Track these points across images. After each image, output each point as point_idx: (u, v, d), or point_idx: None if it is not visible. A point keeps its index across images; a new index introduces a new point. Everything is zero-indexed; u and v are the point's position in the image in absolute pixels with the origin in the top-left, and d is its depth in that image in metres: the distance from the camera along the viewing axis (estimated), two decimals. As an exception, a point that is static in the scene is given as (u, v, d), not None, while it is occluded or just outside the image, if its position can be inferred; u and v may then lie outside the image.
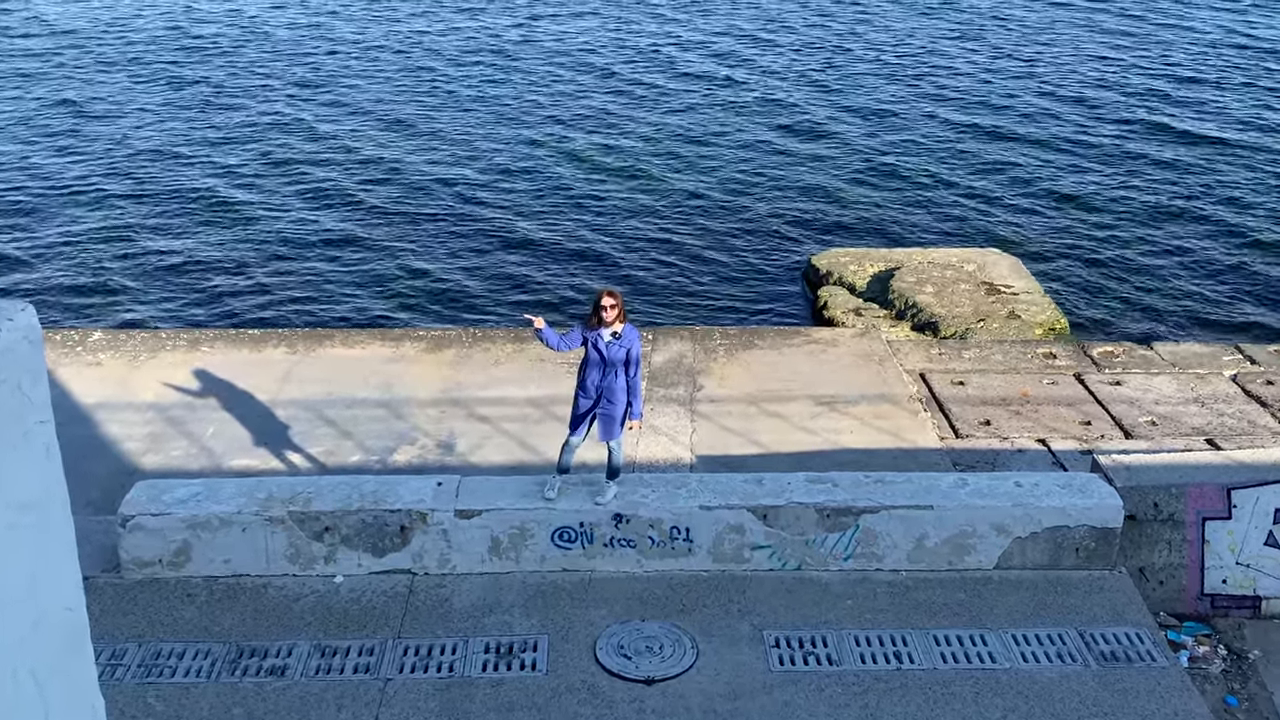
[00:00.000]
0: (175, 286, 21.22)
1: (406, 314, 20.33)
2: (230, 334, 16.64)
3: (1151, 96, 33.10)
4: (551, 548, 10.70)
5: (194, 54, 37.12)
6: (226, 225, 23.92)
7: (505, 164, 27.64)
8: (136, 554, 10.54)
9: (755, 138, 29.87)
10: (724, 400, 14.61)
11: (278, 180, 26.41)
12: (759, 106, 32.43)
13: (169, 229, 23.66)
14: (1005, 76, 35.07)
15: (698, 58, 37.64)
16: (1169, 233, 24.25)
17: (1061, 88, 34.01)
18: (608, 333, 10.19)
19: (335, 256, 22.56)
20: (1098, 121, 31.17)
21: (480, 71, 35.61)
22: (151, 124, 30.13)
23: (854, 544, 10.77)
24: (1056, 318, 18.43)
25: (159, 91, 32.95)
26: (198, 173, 26.77)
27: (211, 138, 29.23)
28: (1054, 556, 10.88)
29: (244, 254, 22.58)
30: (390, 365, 15.49)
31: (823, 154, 28.66)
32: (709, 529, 10.71)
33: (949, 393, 15.06)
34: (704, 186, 26.47)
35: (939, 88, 34.11)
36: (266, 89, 33.47)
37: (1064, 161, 28.29)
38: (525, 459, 13.08)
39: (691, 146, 29.13)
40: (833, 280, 20.13)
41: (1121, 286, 21.88)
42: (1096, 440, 13.86)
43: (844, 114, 31.84)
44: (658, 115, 31.66)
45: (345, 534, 10.57)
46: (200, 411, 14.16)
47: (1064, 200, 25.95)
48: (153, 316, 20.01)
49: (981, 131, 30.35)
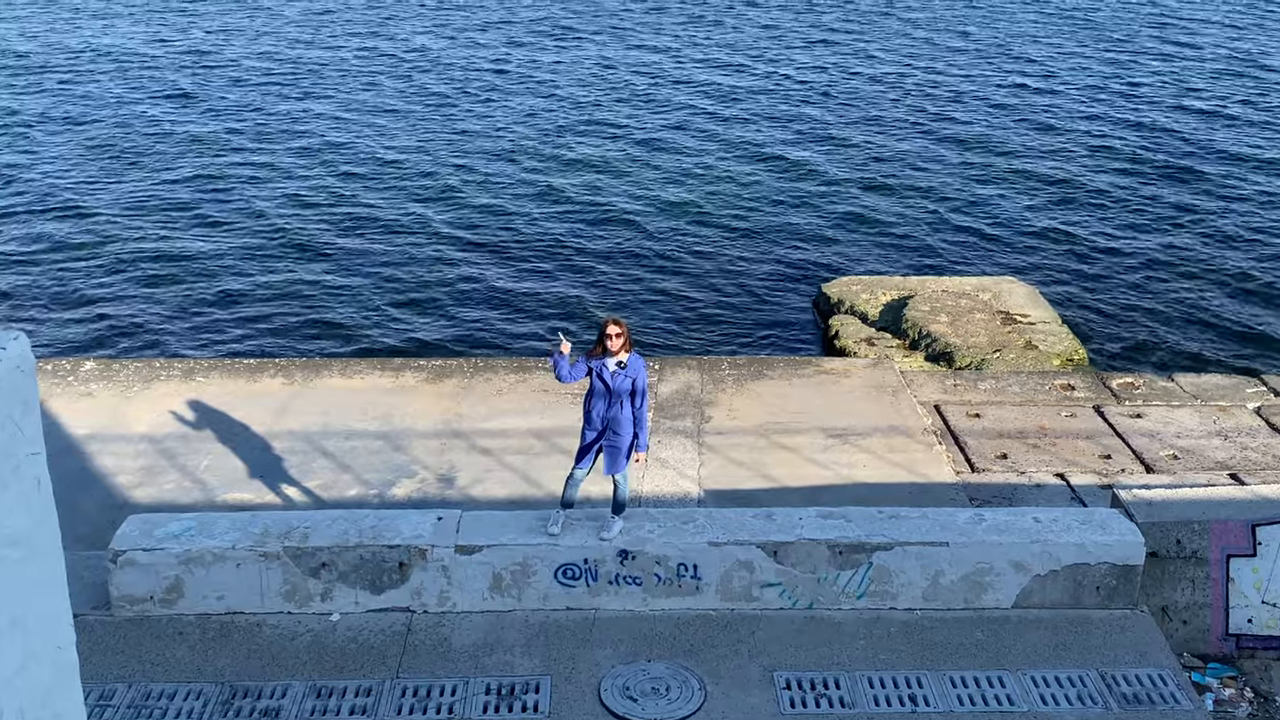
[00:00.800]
0: (170, 315, 21.27)
1: (406, 343, 20.35)
2: (226, 364, 16.64)
3: (1170, 126, 33.18)
4: (555, 585, 10.65)
5: (184, 78, 37.36)
6: (223, 253, 24.00)
7: (507, 192, 27.74)
8: (127, 591, 10.50)
9: (764, 162, 29.97)
10: (733, 432, 14.57)
11: (275, 209, 26.51)
12: (768, 130, 32.55)
13: (163, 257, 23.75)
14: (1022, 105, 35.19)
15: (705, 81, 37.81)
16: (1189, 261, 24.25)
17: (1077, 116, 34.12)
18: (612, 362, 10.19)
19: (334, 285, 22.61)
20: (1116, 148, 31.24)
21: (479, 96, 35.79)
22: (144, 152, 30.27)
23: (867, 582, 10.71)
24: (1074, 348, 18.40)
25: (148, 115, 33.14)
26: (192, 200, 26.87)
27: (211, 166, 29.37)
28: (1074, 595, 10.82)
29: (240, 283, 22.65)
30: (390, 396, 15.47)
31: (834, 180, 28.73)
32: (717, 566, 10.66)
33: (964, 425, 15.00)
34: (712, 212, 26.55)
35: (953, 115, 34.23)
36: (261, 115, 33.65)
37: (1082, 189, 28.35)
38: (528, 493, 13.04)
39: (698, 171, 29.22)
40: (844, 309, 20.12)
41: (1141, 316, 21.86)
42: (1117, 474, 13.79)
43: (856, 139, 31.95)
44: (664, 140, 31.78)
45: (342, 570, 10.53)
46: (194, 443, 14.14)
47: (1081, 228, 25.99)
48: (147, 346, 20.05)
49: (997, 159, 30.43)
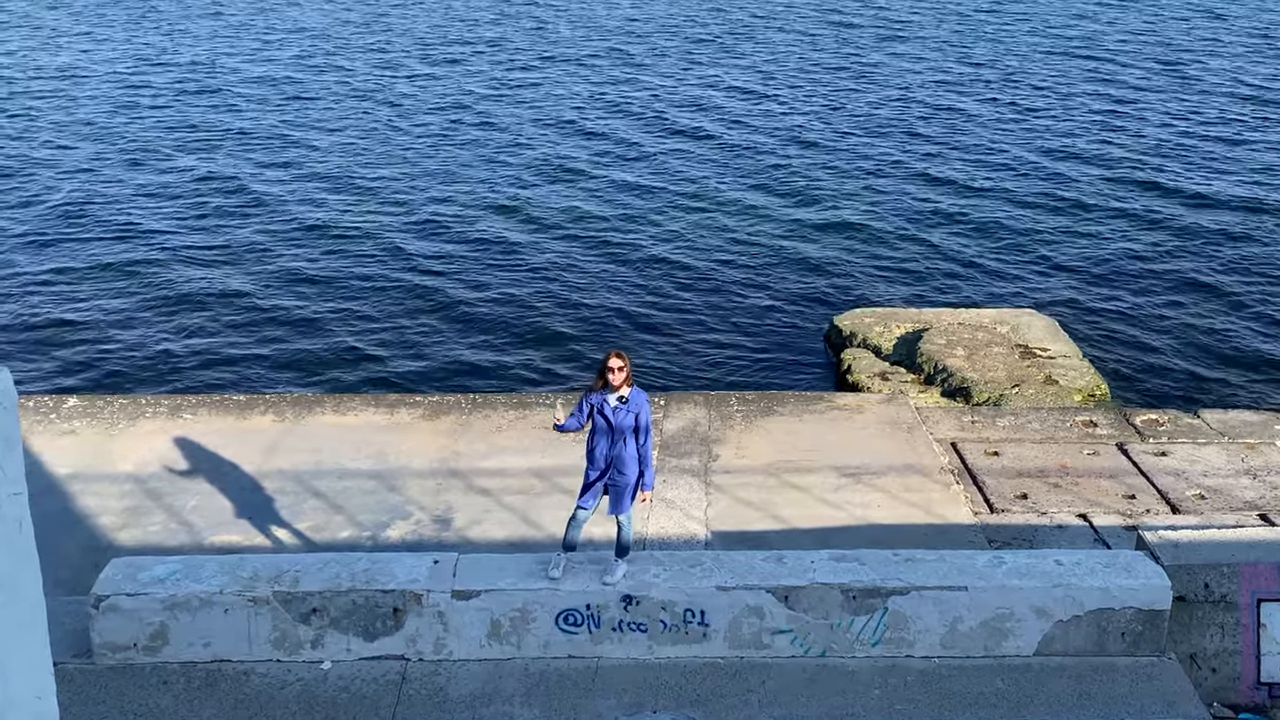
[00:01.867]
0: (156, 350, 21.31)
1: (402, 379, 20.36)
2: (214, 400, 16.65)
3: (1195, 155, 33.28)
4: (556, 632, 10.61)
5: (169, 107, 37.60)
6: (212, 287, 24.06)
7: (506, 222, 27.83)
8: (110, 637, 10.46)
9: (773, 191, 30.07)
10: (741, 471, 14.55)
11: (265, 241, 26.60)
12: (777, 158, 32.69)
13: (149, 290, 23.81)
14: (1040, 133, 35.34)
15: (711, 107, 38.00)
16: (1215, 293, 24.27)
17: (1097, 145, 34.25)
18: (613, 397, 10.18)
19: (326, 319, 22.66)
20: (1138, 177, 31.33)
21: (478, 122, 35.98)
22: (128, 182, 30.42)
23: (883, 628, 10.67)
24: (1097, 383, 18.39)
25: (131, 143, 33.31)
26: (179, 232, 26.97)
27: (199, 197, 29.51)
28: (1098, 641, 10.77)
29: (229, 316, 22.69)
30: (384, 434, 15.47)
31: (846, 209, 28.82)
32: (726, 612, 10.62)
33: (983, 464, 14.99)
34: (719, 242, 26.62)
35: (968, 144, 34.37)
36: (247, 143, 33.84)
37: (1104, 218, 28.41)
38: (528, 535, 13.01)
39: (705, 200, 29.32)
40: (857, 342, 20.14)
41: (1165, 350, 21.85)
42: (1141, 515, 13.76)
43: (867, 167, 32.07)
44: (670, 168, 31.90)
45: (334, 616, 10.50)
46: (181, 483, 14.13)
47: (1103, 258, 26.03)
48: (132, 382, 20.07)
49: (1014, 188, 30.53)
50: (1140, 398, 19.80)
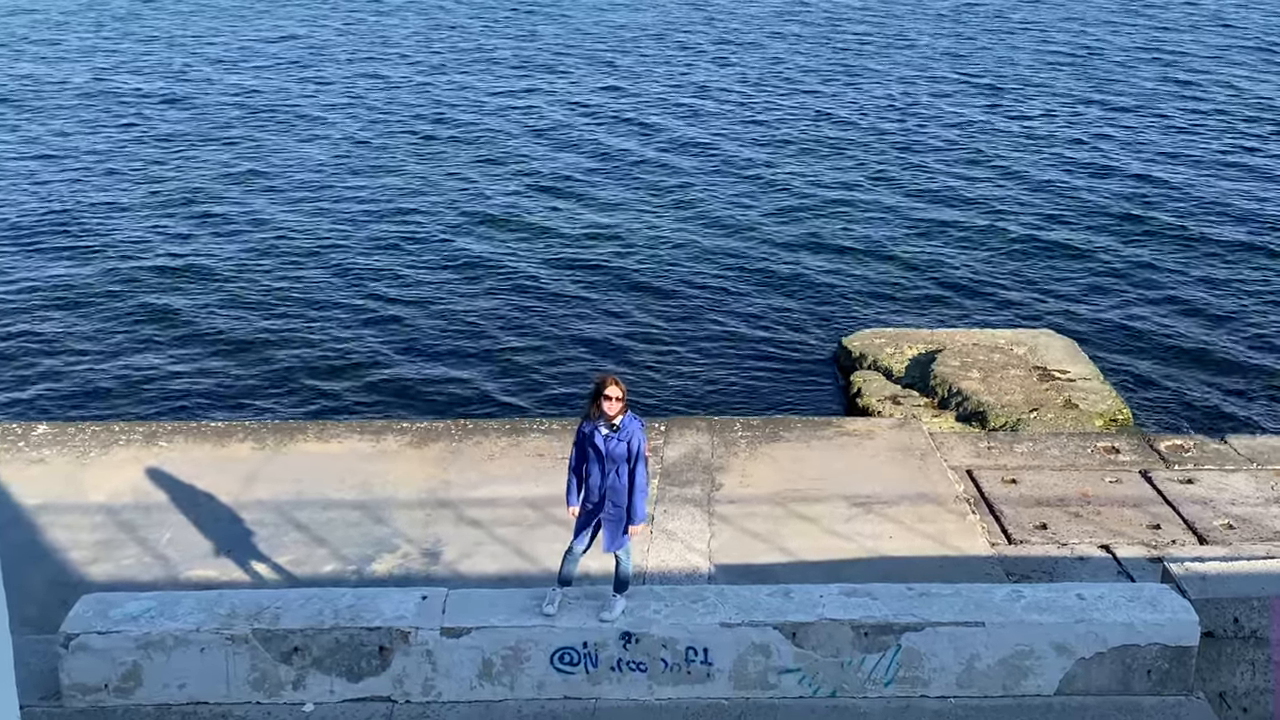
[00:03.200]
0: (130, 375, 21.27)
1: (388, 404, 20.32)
2: (191, 427, 16.63)
3: (1218, 170, 33.36)
4: (551, 672, 10.56)
5: (138, 127, 37.69)
6: (188, 308, 24.04)
7: (498, 241, 27.85)
8: (80, 679, 10.42)
9: (778, 206, 30.10)
10: (746, 500, 14.52)
11: (243, 260, 26.60)
12: (783, 173, 32.74)
13: (122, 312, 23.79)
14: (1057, 146, 35.43)
15: (714, 120, 38.09)
16: (1242, 313, 24.26)
17: (1117, 159, 34.33)
18: (605, 426, 10.15)
19: (308, 342, 22.63)
20: (1161, 194, 31.38)
21: (465, 139, 36.05)
22: (97, 202, 30.45)
23: (896, 667, 10.63)
24: (1118, 407, 18.37)
25: (100, 163, 33.37)
26: (152, 252, 26.97)
27: (169, 209, 29.53)
28: (1123, 680, 10.74)
29: (206, 339, 22.65)
30: (369, 462, 15.44)
31: (855, 225, 28.85)
32: (730, 650, 10.58)
33: (1000, 492, 14.96)
34: (722, 259, 26.62)
35: (983, 158, 34.46)
36: (224, 159, 33.90)
37: (1123, 234, 28.44)
38: (521, 568, 12.97)
39: (706, 216, 29.34)
40: (867, 364, 20.13)
41: (1190, 372, 21.84)
42: (1167, 546, 13.73)
43: (877, 182, 32.12)
44: (669, 183, 31.95)
45: (317, 655, 10.46)
46: (155, 515, 14.08)
47: (1124, 276, 26.04)
48: (105, 408, 20.03)
49: (1031, 203, 30.56)
50: (1164, 422, 19.77)
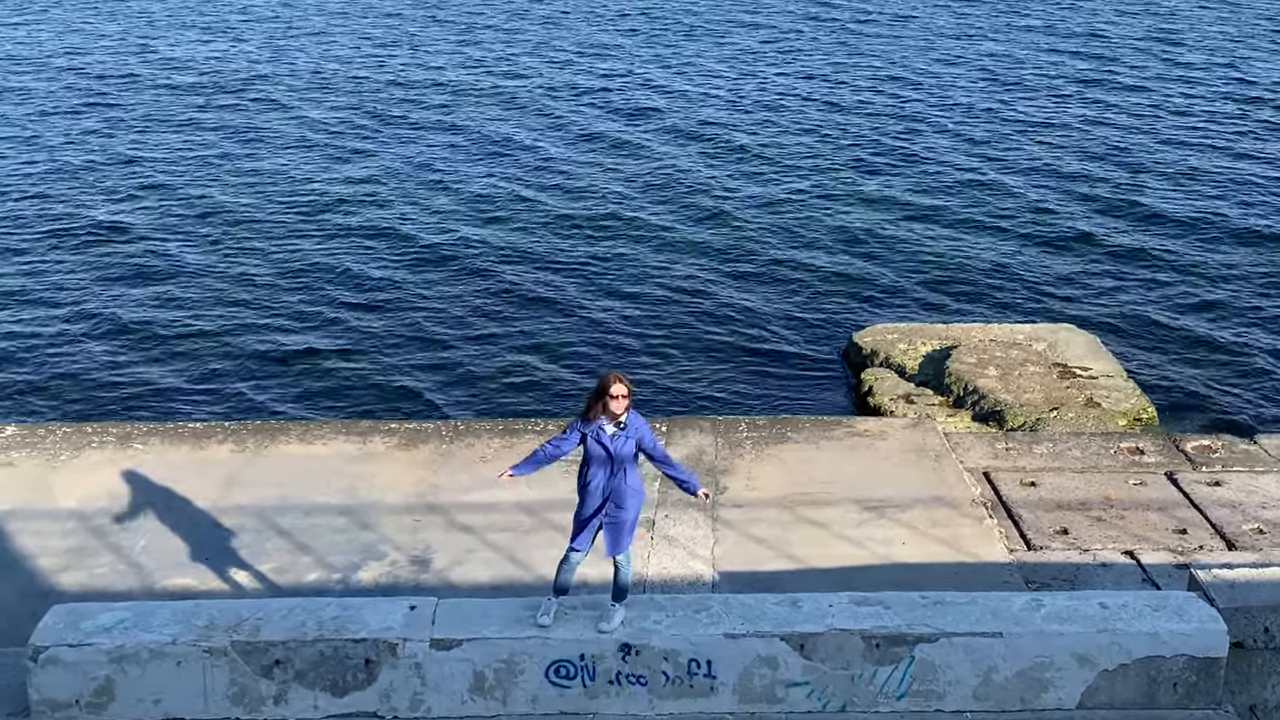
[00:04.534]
0: (103, 374, 21.24)
1: (375, 403, 20.29)
2: (167, 428, 16.62)
3: (1244, 158, 33.35)
4: (546, 686, 10.54)
5: (109, 115, 37.68)
6: (163, 303, 24.01)
7: (489, 231, 27.82)
8: (49, 694, 10.39)
9: (785, 194, 30.07)
10: (752, 505, 14.52)
11: (221, 252, 26.57)
12: (789, 160, 32.72)
13: (94, 307, 23.76)
14: (1076, 133, 35.41)
15: (716, 106, 38.08)
16: (1272, 307, 24.24)
17: (1137, 147, 34.31)
18: (610, 424, 10.15)
19: (291, 338, 22.60)
20: (1184, 181, 31.36)
21: (466, 121, 36.03)
22: (67, 191, 30.43)
23: (909, 679, 10.62)
24: (1143, 406, 18.36)
25: (72, 154, 33.36)
26: (125, 243, 26.94)
27: (145, 199, 29.51)
28: (1148, 693, 10.72)
29: (182, 336, 22.61)
30: (355, 465, 15.44)
31: (865, 215, 28.82)
32: (735, 662, 10.56)
33: (1018, 495, 14.95)
34: (725, 251, 26.59)
35: (999, 143, 34.43)
36: (201, 145, 33.89)
37: (1149, 225, 28.41)
38: (515, 576, 12.96)
39: (709, 205, 29.31)
40: (879, 361, 20.11)
41: (1218, 369, 21.81)
42: (1194, 552, 13.74)
43: (887, 169, 32.10)
44: (670, 171, 31.93)
45: (299, 669, 10.43)
46: (130, 521, 14.07)
47: (1148, 268, 26.01)
48: (76, 408, 20.00)
49: (1050, 192, 30.53)
50: (1191, 422, 19.73)
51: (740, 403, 20.40)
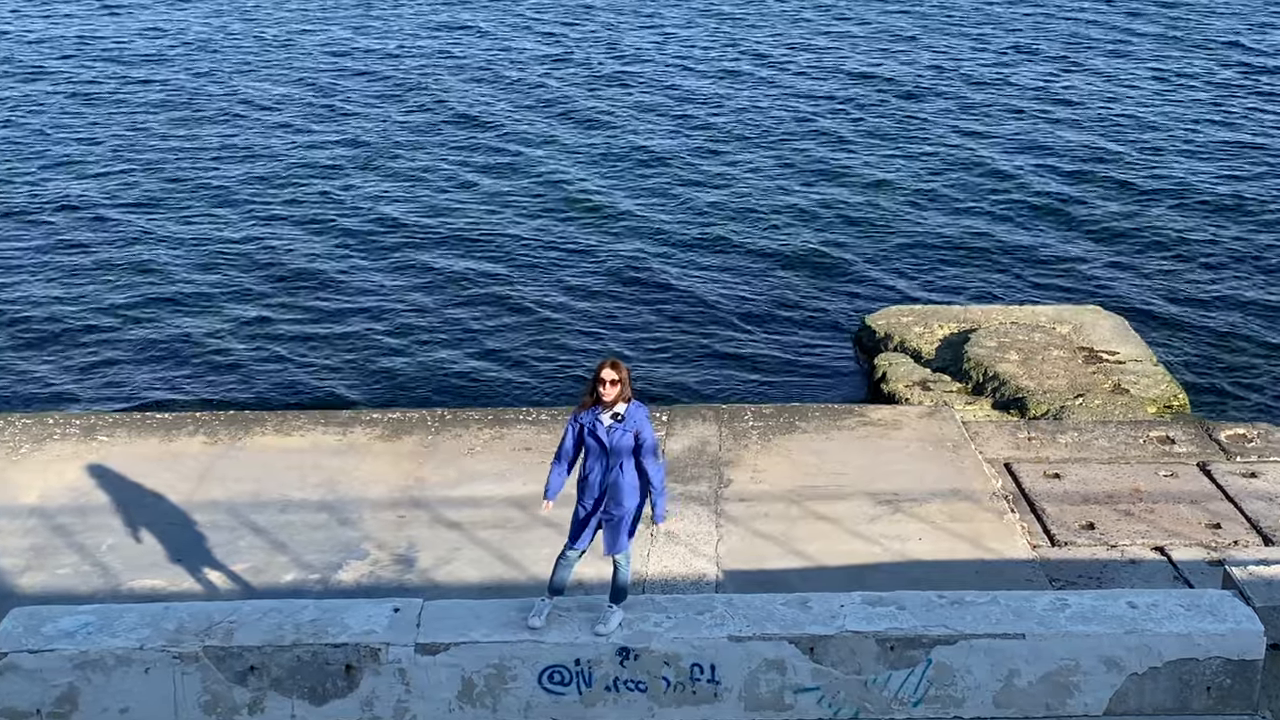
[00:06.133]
0: (67, 360, 21.23)
1: (356, 392, 20.29)
2: (135, 419, 16.59)
3: (1273, 129, 33.34)
4: (539, 692, 10.52)
5: (81, 95, 37.67)
6: (130, 286, 23.98)
7: (478, 208, 27.79)
8: (9, 703, 10.36)
9: (792, 168, 30.04)
10: (758, 498, 14.52)
11: (191, 233, 26.54)
12: (798, 132, 32.68)
13: (58, 291, 23.72)
14: (1099, 104, 35.37)
15: (721, 78, 38.06)
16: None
17: (1163, 119, 34.26)
18: (607, 415, 10.12)
19: (266, 323, 22.57)
20: (1214, 154, 31.33)
21: (462, 93, 36.00)
22: (29, 172, 30.40)
23: (925, 684, 10.61)
24: (1174, 392, 18.36)
25: (31, 137, 33.36)
26: (91, 226, 26.92)
27: (114, 177, 29.49)
28: (1180, 697, 10.73)
29: (152, 321, 22.59)
30: (336, 458, 15.43)
31: (878, 190, 28.78)
32: (740, 666, 10.55)
33: (1041, 488, 14.95)
34: (730, 229, 26.56)
35: (1019, 114, 34.39)
36: (177, 115, 33.88)
37: (1178, 198, 28.39)
38: (506, 576, 12.96)
39: (713, 180, 29.28)
40: (893, 345, 20.11)
41: (1253, 352, 21.83)
42: (1228, 548, 13.73)
43: (901, 141, 32.06)
44: (670, 146, 31.89)
45: (276, 676, 10.41)
46: (95, 518, 14.05)
47: (1180, 245, 25.99)
48: (38, 397, 19.99)
49: (1074, 166, 30.50)
50: (1225, 409, 19.77)
51: (745, 390, 20.41)
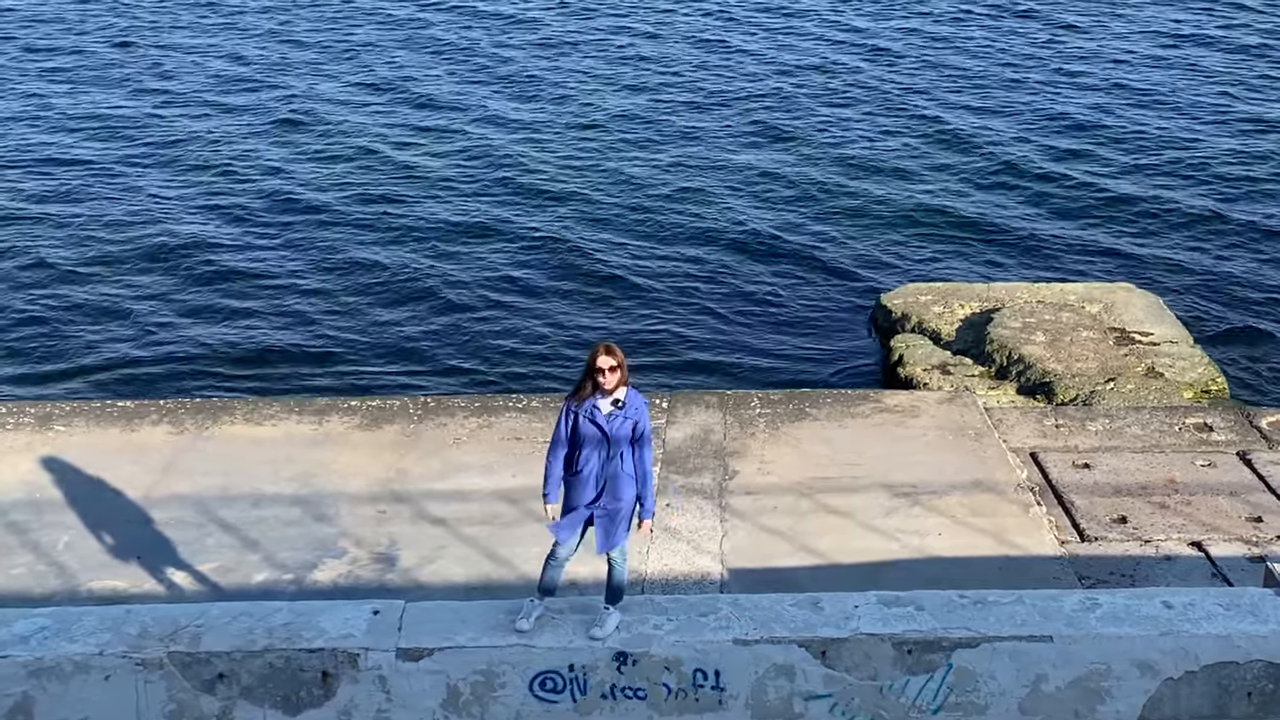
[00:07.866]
0: (19, 344, 21.20)
1: (333, 378, 20.27)
2: (94, 407, 16.58)
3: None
4: (530, 701, 10.50)
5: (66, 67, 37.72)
6: (89, 261, 23.96)
7: (466, 184, 27.76)
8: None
9: (805, 140, 30.04)
10: (765, 491, 14.52)
11: (156, 207, 26.53)
12: (807, 100, 32.67)
13: (8, 267, 23.70)
14: (1130, 71, 35.38)
15: (729, 52, 38.08)
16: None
17: (1197, 88, 34.24)
18: (606, 402, 10.08)
19: (237, 301, 22.55)
20: (1250, 123, 31.30)
21: (458, 70, 36.09)
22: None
23: (946, 690, 10.60)
24: (1211, 375, 18.37)
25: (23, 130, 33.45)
26: (49, 198, 26.92)
27: (77, 150, 29.50)
28: (1218, 703, 10.73)
29: (112, 299, 22.58)
30: (310, 449, 15.44)
31: (895, 162, 28.77)
32: (746, 672, 10.54)
33: (1070, 479, 14.95)
34: (733, 204, 26.55)
35: (1045, 82, 34.38)
36: (162, 92, 33.90)
37: (1216, 170, 28.38)
38: (494, 575, 12.96)
39: (717, 153, 29.27)
40: (911, 326, 20.13)
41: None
42: (1270, 543, 13.72)
43: (920, 111, 32.05)
44: (676, 119, 31.89)
45: (246, 683, 10.41)
46: (51, 514, 14.04)
47: (1217, 219, 25.97)
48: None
49: (1104, 136, 30.47)
50: (1267, 394, 19.78)
51: (752, 374, 20.41)
